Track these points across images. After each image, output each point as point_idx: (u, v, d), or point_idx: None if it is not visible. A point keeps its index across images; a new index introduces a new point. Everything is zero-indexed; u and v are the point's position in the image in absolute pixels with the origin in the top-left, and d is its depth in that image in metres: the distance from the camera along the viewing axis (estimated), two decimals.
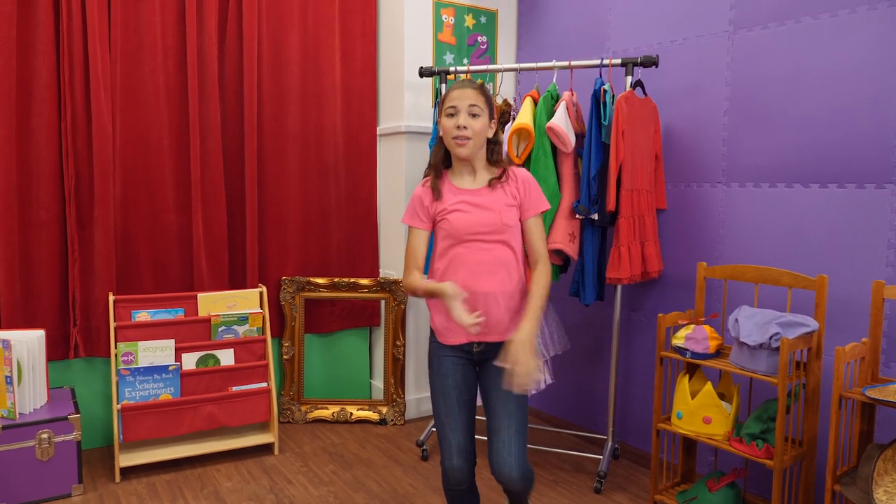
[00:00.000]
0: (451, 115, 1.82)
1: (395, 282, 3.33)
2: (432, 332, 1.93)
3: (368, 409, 3.37)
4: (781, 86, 2.39)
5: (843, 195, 2.24)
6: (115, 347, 2.70)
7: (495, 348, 1.84)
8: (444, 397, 1.87)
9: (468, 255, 1.82)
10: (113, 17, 2.80)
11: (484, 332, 1.83)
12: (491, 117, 1.85)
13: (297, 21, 3.23)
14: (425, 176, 1.93)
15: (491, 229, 1.82)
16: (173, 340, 2.79)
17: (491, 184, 1.85)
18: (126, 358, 2.71)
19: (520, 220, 1.87)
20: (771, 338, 2.10)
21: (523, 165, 2.70)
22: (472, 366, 1.90)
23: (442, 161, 1.90)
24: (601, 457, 2.77)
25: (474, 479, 1.91)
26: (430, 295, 1.82)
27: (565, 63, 2.71)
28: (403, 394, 3.35)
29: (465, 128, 1.79)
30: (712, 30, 2.61)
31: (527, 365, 1.69)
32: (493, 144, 1.89)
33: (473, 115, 1.80)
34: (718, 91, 2.59)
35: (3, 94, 2.60)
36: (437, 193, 1.87)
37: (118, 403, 2.65)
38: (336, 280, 3.33)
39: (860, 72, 2.18)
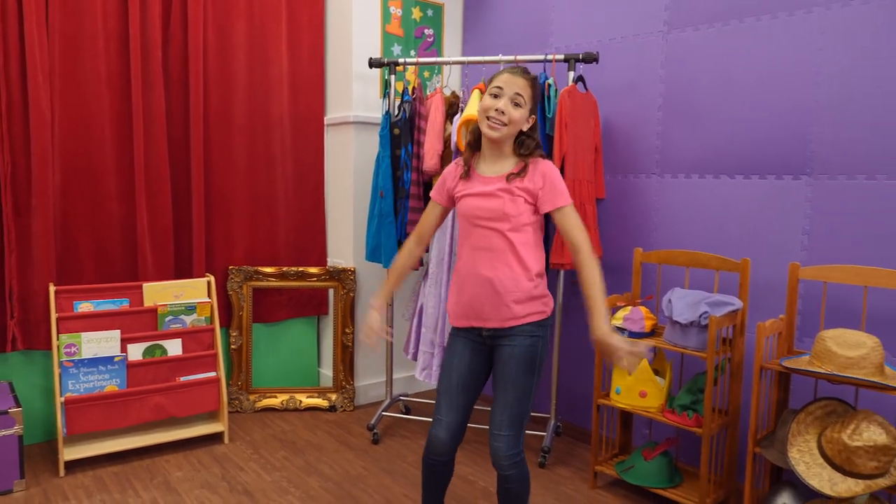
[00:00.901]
0: (495, 97, 1.82)
1: (344, 270, 3.37)
2: None
3: (318, 397, 3.40)
4: (710, 85, 2.58)
5: (765, 186, 2.45)
6: (58, 339, 2.64)
7: (505, 334, 1.87)
8: (447, 375, 1.93)
9: (472, 239, 1.86)
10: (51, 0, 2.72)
11: (483, 318, 1.86)
12: (532, 112, 1.86)
13: (244, 9, 3.22)
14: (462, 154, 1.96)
15: (492, 216, 1.82)
16: (118, 331, 2.75)
17: (509, 179, 1.84)
18: (69, 350, 2.65)
19: (546, 214, 1.86)
20: (700, 316, 2.28)
21: None
22: (484, 350, 1.92)
23: (477, 140, 1.90)
24: (545, 433, 2.92)
25: (453, 457, 1.97)
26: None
27: (511, 57, 2.82)
28: (353, 381, 3.41)
29: (502, 112, 1.79)
30: (648, 29, 2.77)
31: (621, 351, 1.72)
32: (525, 137, 1.87)
33: (516, 105, 1.81)
34: (653, 88, 2.76)
35: None
36: (466, 172, 1.90)
37: (61, 396, 2.60)
38: (284, 269, 3.35)
39: (780, 73, 2.39)
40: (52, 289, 2.70)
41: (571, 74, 2.73)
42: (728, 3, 2.51)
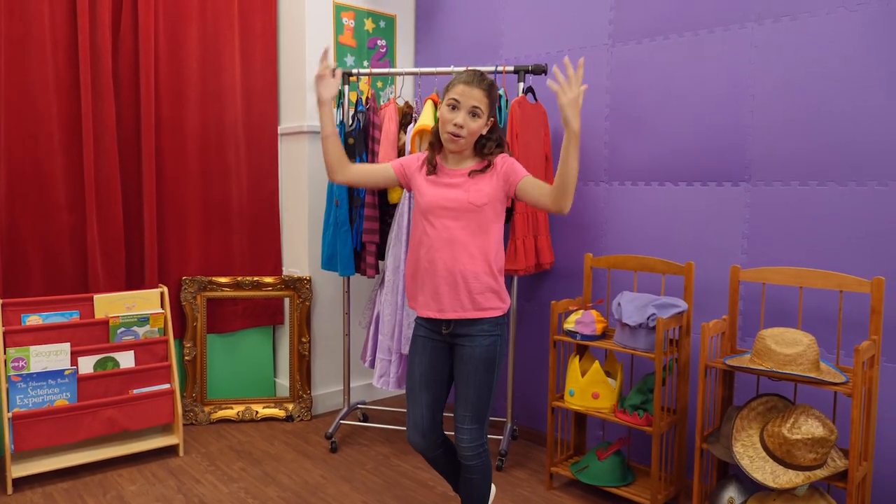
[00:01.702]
0: (452, 108, 1.86)
1: (300, 279, 3.37)
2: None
3: (274, 407, 3.38)
4: (654, 96, 2.69)
5: (706, 192, 2.56)
6: (5, 353, 2.57)
7: (466, 332, 1.92)
8: (411, 374, 2.01)
9: (436, 230, 1.90)
10: None
11: (442, 308, 1.91)
12: (490, 116, 1.91)
13: (196, 17, 3.20)
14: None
15: (455, 205, 1.88)
16: (68, 344, 2.69)
17: (472, 175, 1.91)
18: (17, 364, 2.58)
19: (514, 195, 1.90)
20: (648, 318, 2.37)
21: None
22: (445, 346, 1.99)
23: (438, 139, 1.96)
24: (501, 437, 2.97)
25: (441, 445, 2.04)
26: (324, 122, 2.03)
27: (463, 69, 2.87)
28: (310, 390, 3.40)
29: (461, 126, 1.85)
30: (594, 42, 2.87)
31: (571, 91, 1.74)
32: (485, 140, 1.93)
33: (474, 115, 1.86)
34: (600, 98, 2.86)
35: None
36: (431, 167, 1.95)
37: (9, 412, 2.53)
38: (239, 279, 3.32)
39: (718, 85, 2.51)
40: None
41: (521, 85, 2.80)
42: (668, 18, 2.63)
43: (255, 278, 3.35)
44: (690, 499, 2.50)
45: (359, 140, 2.96)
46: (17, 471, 2.54)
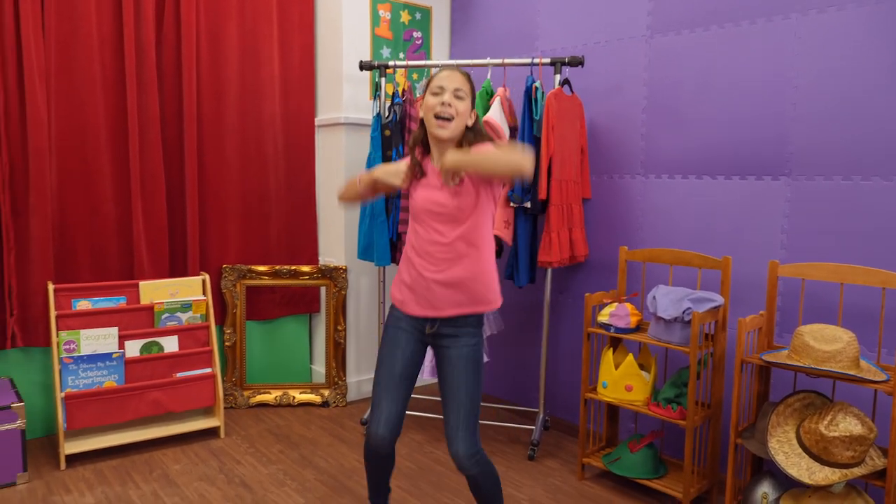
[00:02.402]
0: (437, 94, 1.86)
1: (336, 268, 3.43)
2: (393, 305, 2.01)
3: (311, 393, 3.47)
4: (693, 88, 2.66)
5: (745, 186, 2.53)
6: (57, 336, 2.69)
7: (448, 328, 1.92)
8: (389, 367, 1.95)
9: (422, 232, 1.90)
10: (46, 3, 2.76)
11: (432, 308, 1.90)
12: (472, 106, 1.91)
13: (235, 11, 3.26)
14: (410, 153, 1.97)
15: (442, 210, 1.86)
16: (116, 328, 2.80)
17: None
18: (68, 346, 2.70)
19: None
20: (684, 312, 2.36)
21: None
22: (422, 344, 1.99)
23: (423, 141, 1.94)
24: (533, 427, 3.00)
25: (394, 448, 2.01)
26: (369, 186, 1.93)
27: (499, 61, 2.89)
28: (345, 377, 3.47)
29: (449, 105, 1.84)
30: (632, 34, 2.85)
31: (451, 157, 1.75)
32: (469, 134, 1.91)
33: (458, 97, 1.86)
34: (637, 90, 2.84)
35: None
36: (419, 171, 1.91)
37: (62, 392, 2.65)
38: (277, 268, 3.40)
39: (760, 77, 2.47)
40: (50, 287, 2.75)
41: (558, 77, 2.79)
42: (709, 9, 2.59)
43: (293, 267, 3.42)
44: (723, 493, 2.50)
45: (395, 132, 2.99)
46: (70, 448, 2.66)
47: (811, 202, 2.36)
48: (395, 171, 1.89)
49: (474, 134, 1.91)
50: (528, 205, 2.79)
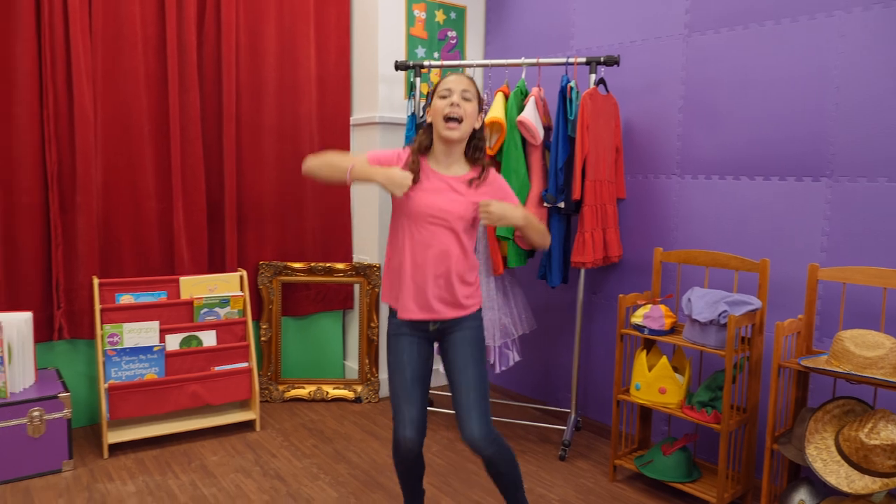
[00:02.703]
0: (445, 97, 1.91)
1: (369, 266, 3.47)
2: (391, 312, 2.03)
3: (344, 388, 3.51)
4: (731, 87, 2.62)
5: (784, 187, 2.48)
6: (101, 329, 2.78)
7: (452, 324, 1.97)
8: (401, 373, 1.98)
9: (423, 235, 1.91)
10: (94, 5, 2.85)
11: (434, 311, 1.94)
12: (479, 109, 1.96)
13: (274, 11, 3.32)
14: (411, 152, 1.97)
15: (447, 216, 1.90)
16: (157, 322, 2.88)
17: (472, 183, 1.95)
18: (112, 339, 2.79)
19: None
20: (720, 315, 2.33)
21: (495, 157, 2.88)
22: (427, 343, 2.02)
23: (427, 144, 1.97)
24: (565, 427, 2.99)
25: (422, 449, 2.04)
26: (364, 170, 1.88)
27: (533, 60, 2.88)
28: (377, 373, 3.51)
29: (458, 105, 1.88)
30: (669, 32, 2.82)
31: (500, 209, 1.87)
32: (475, 140, 1.98)
33: (466, 99, 1.91)
34: (674, 90, 2.80)
35: None
36: (415, 177, 1.92)
37: (105, 383, 2.74)
38: (312, 265, 3.45)
39: (800, 76, 2.42)
40: (95, 281, 2.84)
41: (593, 77, 2.78)
42: (748, 6, 2.55)
43: (327, 264, 3.47)
44: (758, 499, 2.46)
45: None
46: (112, 437, 2.75)
47: (853, 204, 2.31)
48: (399, 184, 1.86)
49: (482, 141, 1.99)
50: (562, 205, 2.78)
